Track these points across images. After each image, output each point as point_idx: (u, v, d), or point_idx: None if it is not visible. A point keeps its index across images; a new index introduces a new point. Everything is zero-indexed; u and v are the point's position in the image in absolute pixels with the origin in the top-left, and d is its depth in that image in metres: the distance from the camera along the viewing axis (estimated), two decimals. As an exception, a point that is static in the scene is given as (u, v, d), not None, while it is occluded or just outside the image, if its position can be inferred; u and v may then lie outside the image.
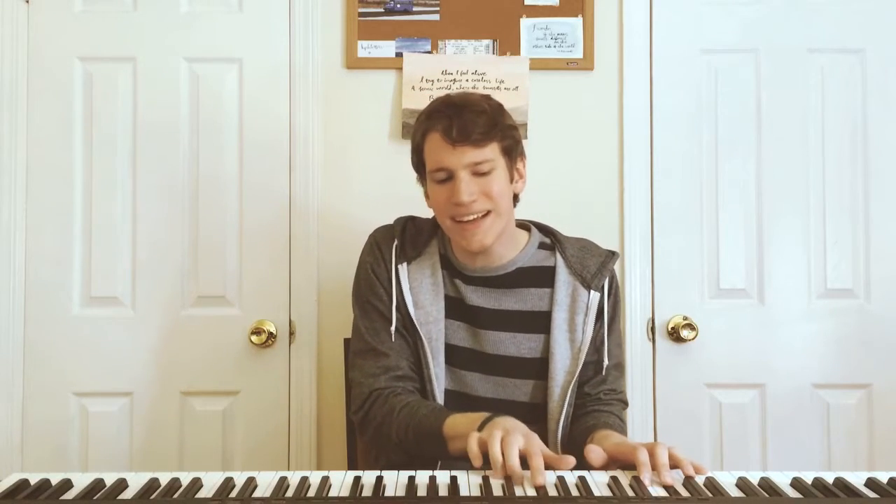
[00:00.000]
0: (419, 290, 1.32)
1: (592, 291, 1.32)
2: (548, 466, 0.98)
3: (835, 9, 1.91)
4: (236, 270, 1.89)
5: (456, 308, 1.33)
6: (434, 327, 1.31)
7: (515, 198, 1.34)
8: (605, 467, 1.05)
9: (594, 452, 1.05)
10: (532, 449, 0.99)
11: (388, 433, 1.24)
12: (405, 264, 1.33)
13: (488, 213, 1.24)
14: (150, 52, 1.90)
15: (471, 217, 1.23)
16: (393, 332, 1.31)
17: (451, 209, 1.24)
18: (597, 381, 1.34)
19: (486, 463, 1.01)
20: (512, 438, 1.00)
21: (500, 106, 1.29)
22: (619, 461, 1.06)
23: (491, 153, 1.23)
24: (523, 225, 1.41)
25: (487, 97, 1.29)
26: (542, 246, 1.38)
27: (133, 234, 1.89)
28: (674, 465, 1.00)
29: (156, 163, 1.89)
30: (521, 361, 1.32)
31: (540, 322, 1.32)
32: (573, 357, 1.31)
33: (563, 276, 1.34)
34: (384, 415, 1.26)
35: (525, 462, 0.99)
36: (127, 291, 1.89)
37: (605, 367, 1.33)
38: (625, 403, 1.38)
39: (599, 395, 1.33)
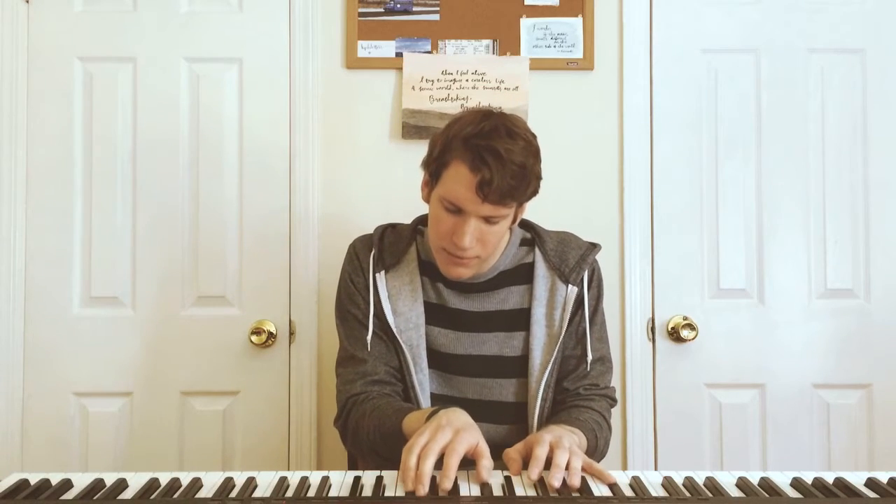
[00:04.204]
0: (398, 298, 1.31)
1: (570, 286, 1.31)
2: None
3: (835, 9, 1.92)
4: (236, 270, 1.89)
5: (438, 313, 1.32)
6: (414, 333, 1.30)
7: None
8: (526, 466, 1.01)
9: (508, 456, 1.02)
10: (479, 449, 0.98)
11: (363, 438, 1.23)
12: (383, 272, 1.32)
13: (476, 257, 1.23)
14: (150, 52, 1.90)
15: (459, 257, 1.22)
16: (370, 340, 1.30)
17: (446, 239, 1.22)
18: (577, 375, 1.32)
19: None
20: (438, 440, 0.96)
21: (536, 158, 1.20)
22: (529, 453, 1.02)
23: (507, 210, 1.20)
24: None
25: (528, 144, 1.18)
26: (522, 243, 1.36)
27: (133, 234, 1.89)
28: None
29: (155, 162, 1.89)
30: (503, 360, 1.31)
31: (521, 319, 1.31)
32: (551, 352, 1.29)
33: (541, 271, 1.32)
34: (357, 419, 1.24)
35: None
36: (127, 291, 1.89)
37: (588, 362, 1.31)
38: (611, 399, 1.34)
39: (579, 389, 1.31)
